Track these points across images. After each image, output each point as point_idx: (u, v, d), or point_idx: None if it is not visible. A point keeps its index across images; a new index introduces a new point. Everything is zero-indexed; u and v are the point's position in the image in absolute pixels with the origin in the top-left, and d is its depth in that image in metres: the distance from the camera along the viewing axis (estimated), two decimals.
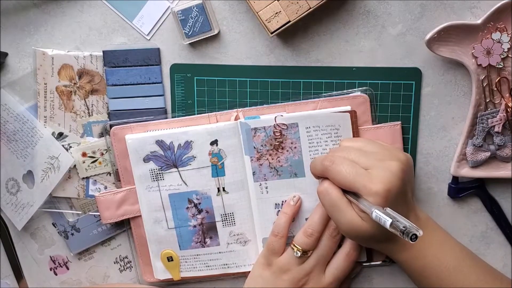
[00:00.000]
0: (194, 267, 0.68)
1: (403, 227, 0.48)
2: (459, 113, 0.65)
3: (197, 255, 0.67)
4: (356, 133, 0.63)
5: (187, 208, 0.66)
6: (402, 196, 0.56)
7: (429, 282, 0.59)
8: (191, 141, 0.65)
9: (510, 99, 0.62)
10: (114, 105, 0.67)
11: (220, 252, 0.67)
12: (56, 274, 0.71)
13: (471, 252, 0.61)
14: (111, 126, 0.66)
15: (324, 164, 0.57)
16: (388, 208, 0.52)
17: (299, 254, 0.61)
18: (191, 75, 0.67)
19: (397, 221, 0.49)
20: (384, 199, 0.53)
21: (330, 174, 0.57)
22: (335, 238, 0.62)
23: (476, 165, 0.64)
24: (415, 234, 0.47)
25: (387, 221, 0.49)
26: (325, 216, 0.62)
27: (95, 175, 0.68)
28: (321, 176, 0.59)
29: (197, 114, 0.66)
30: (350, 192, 0.56)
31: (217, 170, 0.65)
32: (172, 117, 0.66)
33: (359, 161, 0.56)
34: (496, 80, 0.62)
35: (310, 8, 0.61)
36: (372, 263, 0.67)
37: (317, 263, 0.62)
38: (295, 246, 0.62)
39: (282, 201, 0.65)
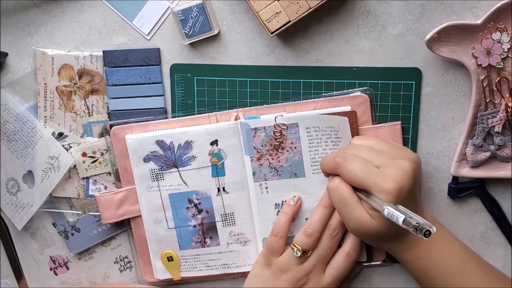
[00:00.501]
0: (194, 267, 0.68)
1: (416, 223, 0.48)
2: (459, 113, 0.65)
3: (197, 255, 0.67)
4: (356, 133, 0.63)
5: (187, 208, 0.66)
6: (412, 195, 0.56)
7: (433, 282, 0.59)
8: (191, 141, 0.65)
9: (510, 99, 0.62)
10: (114, 105, 0.67)
11: (220, 252, 0.67)
12: (56, 274, 0.71)
13: (474, 252, 0.61)
14: (111, 126, 0.66)
15: (336, 160, 0.57)
16: (400, 205, 0.52)
17: (299, 254, 0.61)
18: (191, 75, 0.67)
19: (410, 217, 0.49)
20: (396, 198, 0.53)
21: (341, 170, 0.57)
22: (335, 238, 0.62)
23: (476, 165, 0.64)
24: (429, 230, 0.47)
25: (400, 218, 0.49)
26: (325, 216, 0.62)
27: (95, 175, 0.68)
28: (332, 173, 0.59)
29: (197, 114, 0.66)
30: (360, 190, 0.56)
31: (217, 170, 0.65)
32: (172, 117, 0.66)
33: (371, 159, 0.56)
34: (496, 80, 0.62)
35: (310, 8, 0.61)
36: (372, 263, 0.67)
37: (317, 263, 0.62)
38: (295, 246, 0.62)
39: (282, 201, 0.65)
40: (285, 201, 0.64)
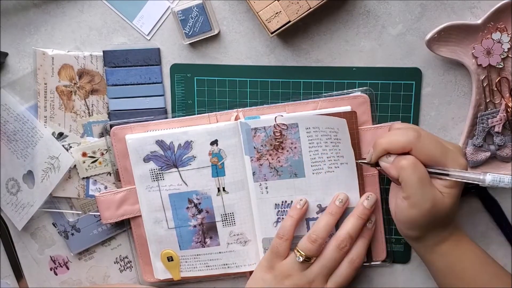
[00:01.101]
0: (194, 267, 0.68)
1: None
2: (459, 113, 0.65)
3: (197, 255, 0.67)
4: (356, 133, 0.63)
5: (187, 208, 0.66)
6: None
7: (452, 282, 0.59)
8: (191, 141, 0.65)
9: (510, 99, 0.62)
10: (114, 105, 0.67)
11: (220, 252, 0.67)
12: (56, 274, 0.71)
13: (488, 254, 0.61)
14: (111, 126, 0.66)
15: (411, 135, 0.55)
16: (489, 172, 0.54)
17: (301, 259, 0.60)
18: (191, 75, 0.67)
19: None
20: None
21: (418, 145, 0.55)
22: (342, 250, 0.61)
23: (476, 165, 0.64)
24: None
25: (506, 178, 0.54)
26: (331, 223, 0.61)
27: (95, 175, 0.68)
28: (398, 152, 0.56)
29: (197, 114, 0.66)
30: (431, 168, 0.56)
31: (217, 170, 0.65)
32: (172, 117, 0.66)
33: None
34: (496, 80, 0.62)
35: (310, 8, 0.61)
36: (372, 263, 0.67)
37: (320, 273, 0.61)
38: (298, 251, 0.61)
39: (282, 201, 0.65)
40: (285, 201, 0.64)
